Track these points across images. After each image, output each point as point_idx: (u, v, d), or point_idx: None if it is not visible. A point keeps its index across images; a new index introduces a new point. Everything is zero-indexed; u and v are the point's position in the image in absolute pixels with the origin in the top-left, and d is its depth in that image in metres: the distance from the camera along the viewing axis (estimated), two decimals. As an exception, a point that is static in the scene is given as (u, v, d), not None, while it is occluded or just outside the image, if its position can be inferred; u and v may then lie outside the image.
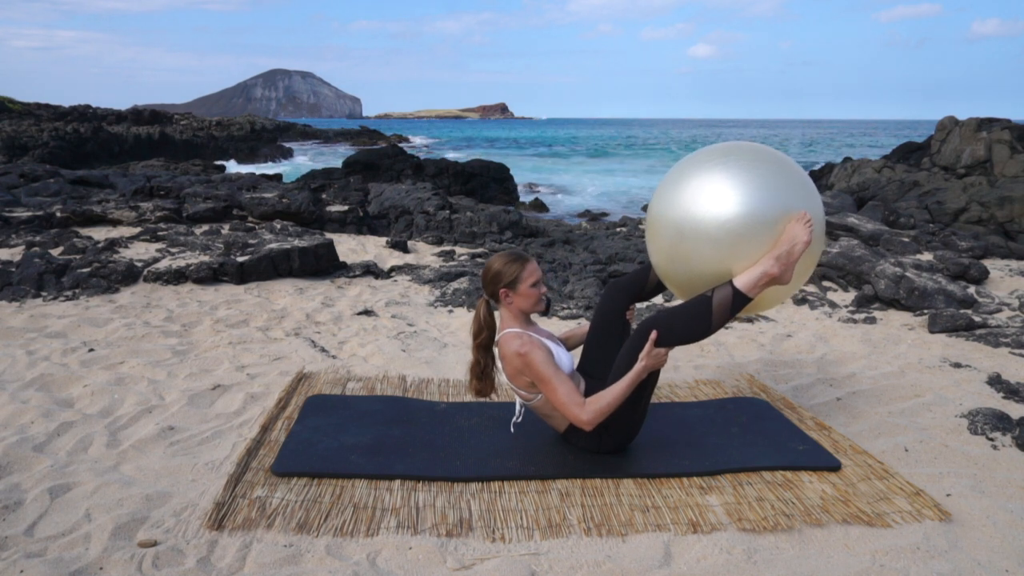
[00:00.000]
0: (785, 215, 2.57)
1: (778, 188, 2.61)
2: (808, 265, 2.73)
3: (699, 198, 2.63)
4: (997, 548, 2.22)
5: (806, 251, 2.61)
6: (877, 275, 5.43)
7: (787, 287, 2.71)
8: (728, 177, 2.62)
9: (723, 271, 2.62)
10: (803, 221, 2.56)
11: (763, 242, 2.57)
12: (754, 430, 2.98)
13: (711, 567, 2.08)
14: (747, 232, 2.56)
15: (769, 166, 2.66)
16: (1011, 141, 12.00)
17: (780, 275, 2.56)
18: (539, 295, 2.71)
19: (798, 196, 2.64)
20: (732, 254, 2.59)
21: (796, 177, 2.70)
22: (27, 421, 2.93)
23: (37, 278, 5.21)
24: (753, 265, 2.58)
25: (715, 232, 2.58)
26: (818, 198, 2.76)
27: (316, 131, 61.15)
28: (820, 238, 2.74)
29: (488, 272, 2.73)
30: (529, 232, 8.86)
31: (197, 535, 2.17)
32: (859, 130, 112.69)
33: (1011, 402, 3.42)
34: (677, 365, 3.96)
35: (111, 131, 33.46)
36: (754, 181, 2.60)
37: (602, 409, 2.53)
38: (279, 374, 3.64)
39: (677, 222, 2.68)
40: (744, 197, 2.57)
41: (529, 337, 2.65)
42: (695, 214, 2.63)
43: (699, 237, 2.61)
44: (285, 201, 8.33)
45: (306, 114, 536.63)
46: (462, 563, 2.08)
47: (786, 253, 2.55)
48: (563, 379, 2.58)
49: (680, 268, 2.73)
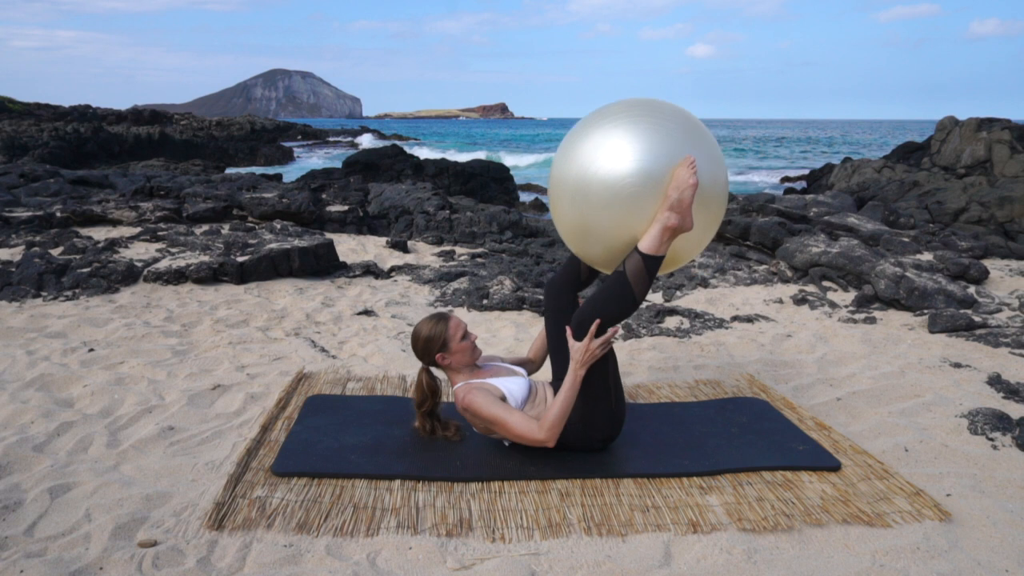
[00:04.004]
0: (670, 166, 2.52)
1: (658, 141, 2.55)
2: (715, 208, 2.66)
3: (583, 168, 2.61)
4: (997, 548, 2.22)
5: (711, 193, 2.56)
6: (877, 275, 5.43)
7: (699, 233, 2.65)
8: (606, 142, 2.59)
9: (629, 235, 2.58)
10: (687, 164, 2.51)
11: (656, 198, 2.53)
12: (754, 430, 2.98)
13: (711, 567, 2.08)
14: (636, 192, 2.52)
15: (646, 120, 2.60)
16: (1011, 141, 12.00)
17: (679, 224, 2.51)
18: (471, 345, 2.76)
19: (681, 144, 2.57)
20: (631, 217, 2.55)
21: (677, 126, 2.62)
22: (27, 421, 2.93)
23: (37, 278, 5.21)
24: (651, 224, 2.54)
25: (606, 198, 2.55)
26: (708, 140, 2.68)
27: (316, 131, 61.17)
28: (716, 180, 2.65)
29: (417, 344, 2.77)
30: (529, 232, 8.86)
31: (197, 535, 2.17)
32: (859, 130, 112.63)
33: (1011, 402, 3.42)
34: (677, 365, 3.96)
35: (111, 131, 33.45)
36: (633, 140, 2.56)
37: (554, 421, 2.51)
38: (279, 374, 3.64)
39: (570, 199, 2.65)
40: (625, 158, 2.54)
41: (468, 387, 2.68)
42: (583, 186, 2.60)
43: (593, 207, 2.59)
44: (285, 201, 8.33)
45: (306, 114, 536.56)
46: (462, 563, 2.08)
47: (677, 200, 2.49)
48: (509, 411, 2.57)
49: (591, 244, 2.69)
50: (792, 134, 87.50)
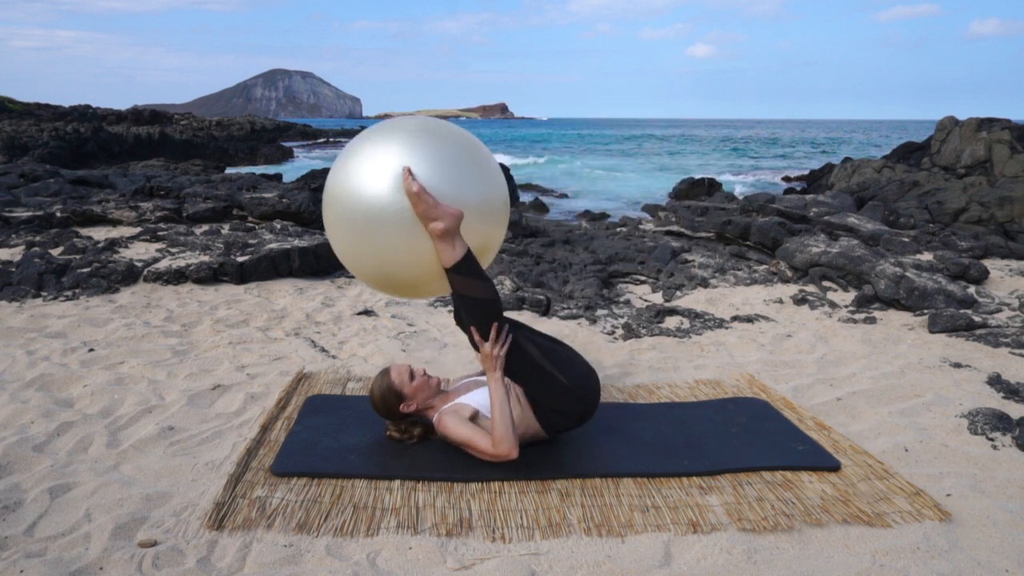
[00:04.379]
0: (393, 193, 2.43)
1: (372, 179, 2.46)
2: (472, 185, 2.53)
3: (337, 226, 2.57)
4: (997, 548, 2.22)
5: (450, 179, 2.46)
6: (877, 275, 5.43)
7: (476, 212, 2.52)
8: (337, 201, 2.53)
9: (418, 261, 2.49)
10: (404, 178, 2.41)
11: (404, 222, 2.43)
12: (754, 430, 2.98)
13: (711, 567, 2.08)
14: (380, 230, 2.44)
15: (358, 161, 2.52)
16: (1011, 141, 12.00)
17: (445, 224, 2.41)
18: (424, 380, 2.74)
19: (391, 164, 2.46)
20: (403, 250, 2.47)
21: (385, 159, 2.49)
22: (27, 421, 2.93)
23: (37, 278, 5.21)
24: (427, 247, 2.45)
25: (373, 246, 2.49)
26: (422, 137, 2.52)
27: (316, 131, 61.17)
28: (449, 168, 2.49)
29: (377, 408, 2.76)
30: (529, 232, 8.86)
31: (197, 535, 2.17)
32: (860, 130, 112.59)
33: (1011, 402, 3.42)
34: (677, 365, 3.96)
35: (111, 131, 33.44)
36: (356, 188, 2.48)
37: (502, 434, 2.49)
38: (279, 374, 3.64)
39: (346, 254, 2.62)
40: (358, 206, 2.47)
41: (440, 414, 2.68)
42: (350, 244, 2.55)
43: (368, 257, 2.53)
44: (285, 201, 8.33)
45: (306, 114, 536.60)
46: (462, 563, 2.08)
47: (422, 211, 2.41)
48: (475, 432, 2.57)
49: (393, 281, 2.63)
50: (791, 134, 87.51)
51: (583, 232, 9.15)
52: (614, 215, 14.28)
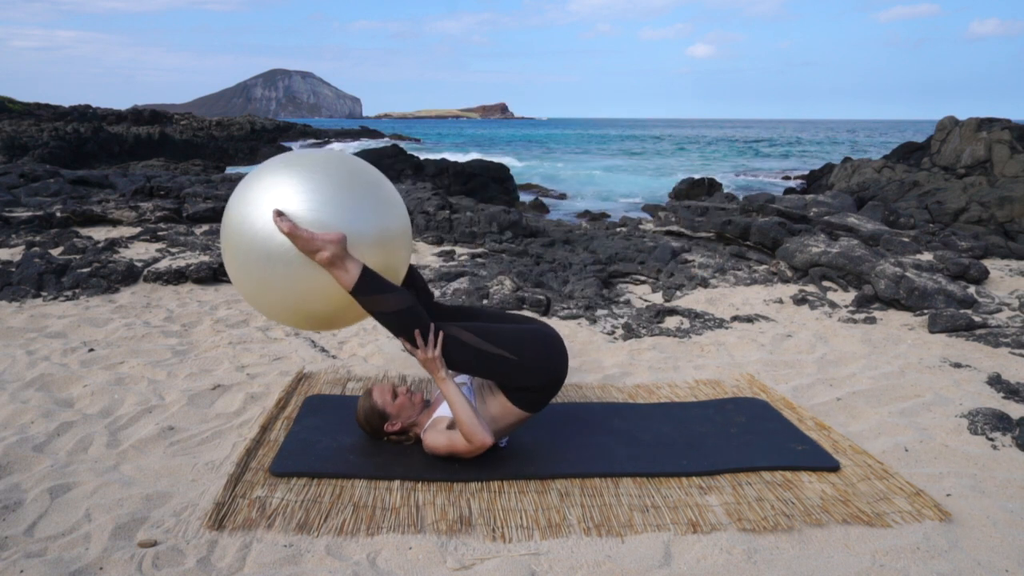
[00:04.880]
0: (267, 239, 2.36)
1: (255, 221, 2.39)
2: (346, 210, 2.43)
3: (238, 273, 2.51)
4: (997, 548, 2.22)
5: (321, 210, 2.37)
6: (877, 275, 5.43)
7: (363, 249, 2.43)
8: (231, 246, 2.48)
9: (324, 293, 2.42)
10: (275, 221, 2.34)
11: (289, 266, 2.37)
12: (754, 430, 2.98)
13: (711, 567, 2.08)
14: (275, 270, 2.39)
15: (242, 204, 2.45)
16: (1011, 141, 12.00)
17: (329, 253, 2.33)
18: (406, 398, 2.75)
19: (261, 211, 2.38)
20: (306, 289, 2.41)
21: (251, 203, 2.43)
22: (27, 421, 2.93)
23: (37, 278, 5.21)
24: (320, 273, 2.38)
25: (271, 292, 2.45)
26: (291, 175, 2.44)
27: (316, 131, 61.16)
28: (320, 200, 2.40)
29: (365, 428, 2.78)
30: (529, 232, 8.86)
31: (197, 535, 2.18)
32: (859, 130, 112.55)
33: (1011, 402, 3.42)
34: (677, 365, 3.96)
35: (111, 131, 33.44)
36: (244, 233, 2.42)
37: (467, 427, 2.48)
38: (279, 374, 3.64)
39: (254, 299, 2.56)
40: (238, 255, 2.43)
41: (423, 432, 2.69)
42: (269, 299, 2.49)
43: (275, 298, 2.47)
44: (285, 201, 8.33)
45: (306, 114, 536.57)
46: (462, 563, 2.08)
47: (303, 246, 2.32)
48: (450, 436, 2.57)
49: (310, 317, 2.56)
50: (791, 134, 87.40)
51: (583, 232, 9.15)
52: (614, 215, 14.29)
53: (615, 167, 37.06)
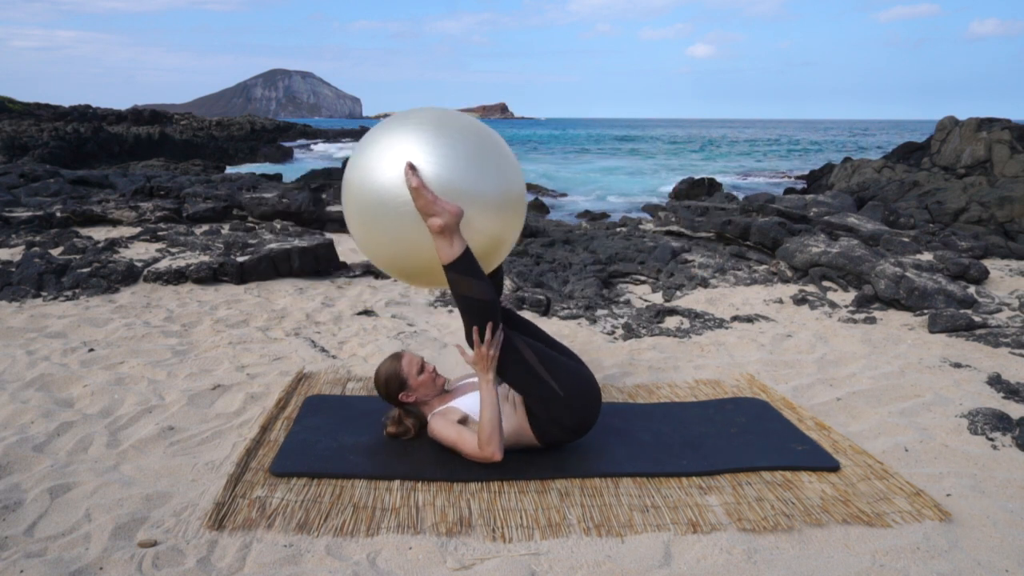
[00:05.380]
0: (399, 185, 2.44)
1: (382, 169, 2.49)
2: (481, 183, 2.49)
3: (351, 214, 2.64)
4: (997, 548, 2.22)
5: (456, 176, 2.44)
6: (877, 275, 5.43)
7: (481, 215, 2.49)
8: (351, 189, 2.59)
9: (420, 253, 2.51)
10: (406, 172, 2.41)
11: (402, 216, 2.45)
12: (754, 430, 2.98)
13: (711, 567, 2.08)
14: (387, 220, 2.48)
15: (372, 151, 2.55)
16: (1011, 141, 12.00)
17: (443, 221, 2.39)
18: (430, 377, 2.76)
19: (395, 160, 2.47)
20: (411, 243, 2.49)
21: (391, 144, 2.52)
22: (27, 421, 2.93)
23: (37, 278, 5.21)
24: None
25: (396, 249, 2.54)
26: (431, 132, 2.51)
27: (316, 131, 61.14)
28: (452, 165, 2.47)
29: (379, 389, 2.78)
30: (529, 232, 8.86)
31: (197, 535, 2.18)
32: (860, 129, 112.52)
33: (1011, 402, 3.42)
34: (677, 365, 3.96)
35: (111, 131, 33.45)
36: (367, 177, 2.52)
37: (487, 437, 2.49)
38: (279, 374, 3.64)
39: (360, 240, 2.70)
40: (374, 204, 2.50)
41: (433, 417, 2.70)
42: (358, 225, 2.61)
43: (379, 245, 2.59)
44: (285, 201, 8.33)
45: (306, 114, 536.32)
46: (462, 563, 2.08)
47: (421, 206, 2.40)
48: (460, 433, 2.59)
49: (405, 269, 2.66)
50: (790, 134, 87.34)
51: (583, 232, 9.15)
52: (614, 215, 14.29)
53: (615, 167, 37.06)
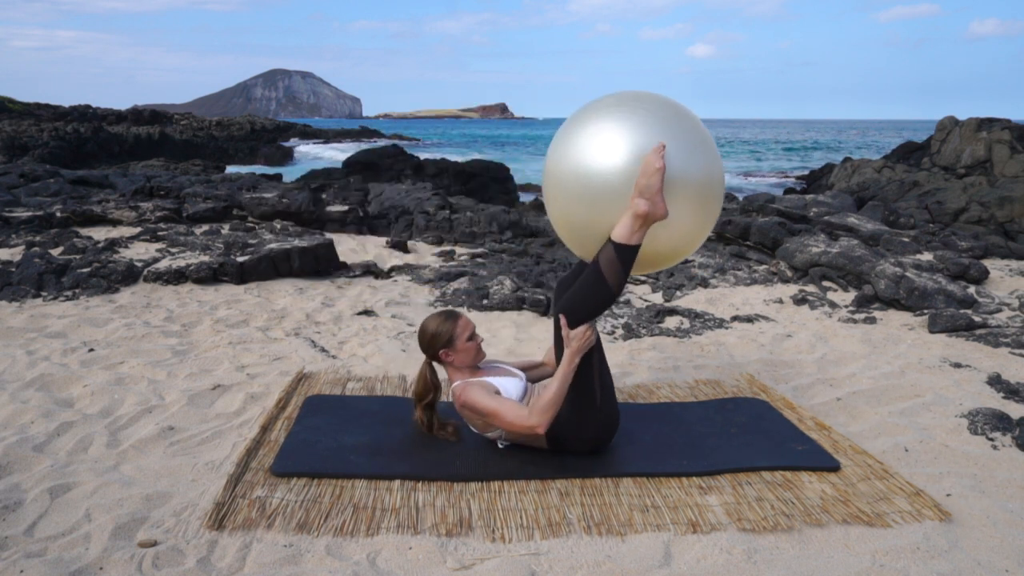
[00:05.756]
0: (641, 155, 2.46)
1: (630, 132, 2.51)
2: (701, 198, 2.56)
3: (564, 165, 2.61)
4: (997, 548, 2.22)
5: (693, 180, 2.49)
6: (877, 275, 5.43)
7: (686, 224, 2.56)
8: (584, 138, 2.58)
9: (610, 227, 2.54)
10: (656, 150, 2.42)
11: (628, 190, 2.48)
12: (754, 430, 2.98)
13: (711, 567, 2.08)
14: (609, 184, 2.49)
15: (623, 112, 2.57)
16: (1011, 141, 12.00)
17: (650, 210, 2.42)
18: (476, 346, 2.77)
19: (654, 132, 2.50)
20: (611, 209, 2.51)
21: (654, 115, 2.55)
22: (27, 421, 2.93)
23: (37, 278, 5.21)
24: (623, 213, 2.49)
25: (582, 192, 2.54)
26: (689, 128, 2.58)
27: (316, 131, 61.13)
28: (697, 168, 2.53)
29: (424, 336, 2.78)
30: (529, 232, 8.86)
31: (197, 535, 2.18)
32: (859, 129, 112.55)
33: (1011, 402, 3.42)
34: (677, 365, 3.96)
35: (111, 131, 33.47)
36: (608, 133, 2.53)
37: (545, 406, 2.50)
38: (279, 374, 3.64)
39: (555, 195, 2.67)
40: (599, 151, 2.52)
41: (465, 384, 2.70)
42: (564, 181, 2.60)
43: (573, 202, 2.59)
44: (285, 201, 8.33)
45: (306, 114, 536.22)
46: (462, 563, 2.08)
47: (645, 186, 2.41)
48: (501, 401, 2.59)
49: (580, 238, 2.68)
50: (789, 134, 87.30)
51: (583, 232, 9.14)
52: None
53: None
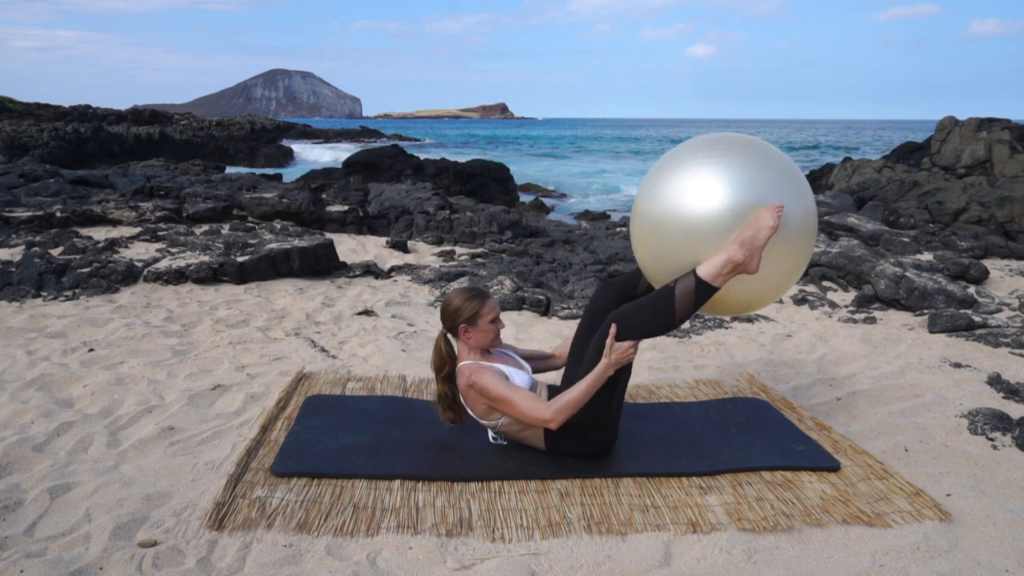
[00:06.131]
0: (757, 203, 2.46)
1: (754, 178, 2.50)
2: (790, 262, 2.60)
3: (678, 192, 2.57)
4: (997, 548, 2.22)
5: (787, 245, 2.50)
6: (877, 275, 5.43)
7: (762, 283, 2.58)
8: (706, 170, 2.54)
9: (695, 261, 2.54)
10: (773, 207, 2.44)
11: (734, 230, 2.47)
12: (754, 430, 2.98)
13: (711, 567, 2.08)
14: (715, 222, 2.47)
15: (749, 156, 2.57)
16: (1011, 141, 11.99)
17: (744, 261, 2.43)
18: (496, 331, 2.75)
19: (776, 186, 2.51)
20: (702, 244, 2.50)
21: (777, 167, 2.58)
22: (27, 421, 2.93)
23: (37, 278, 5.21)
24: (717, 252, 2.48)
25: (691, 225, 2.51)
26: (803, 190, 2.62)
27: (316, 131, 61.12)
28: (803, 231, 2.58)
29: (447, 308, 2.75)
30: (529, 232, 8.86)
31: (197, 535, 2.17)
32: (858, 130, 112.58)
33: (1011, 402, 3.42)
34: (677, 365, 3.96)
35: (111, 131, 33.45)
36: (730, 172, 2.51)
37: (564, 406, 2.48)
38: (279, 374, 3.64)
39: (657, 218, 2.62)
40: (721, 188, 2.49)
41: (477, 366, 2.66)
42: (673, 209, 2.56)
43: (676, 232, 2.55)
44: (285, 201, 8.33)
45: (306, 114, 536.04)
46: (462, 563, 2.08)
47: (750, 238, 2.42)
48: (515, 390, 2.56)
49: (664, 271, 2.65)
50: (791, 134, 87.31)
51: (583, 232, 9.15)
52: (614, 215, 14.29)
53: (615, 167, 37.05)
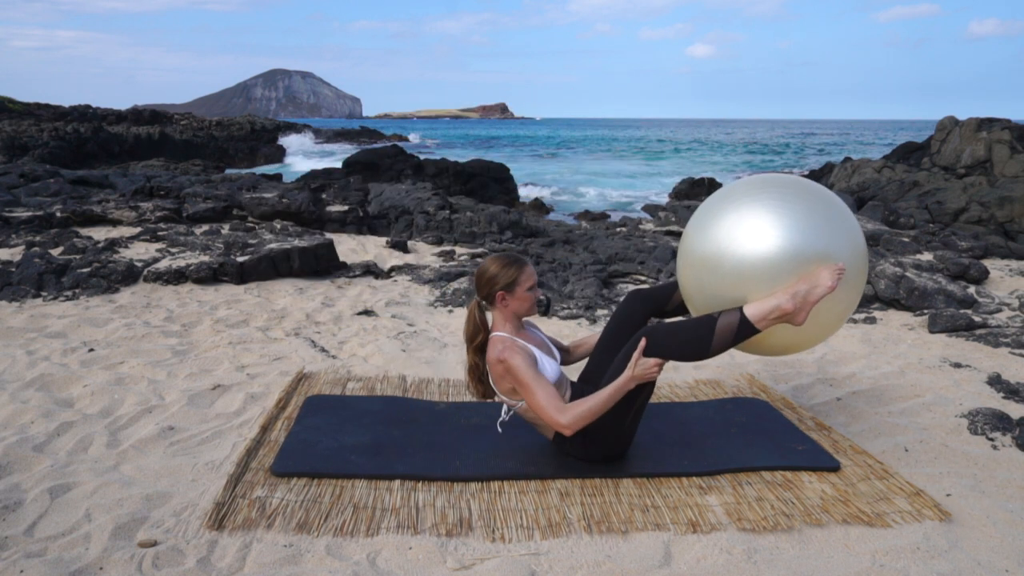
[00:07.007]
0: (822, 259, 2.44)
1: (824, 230, 2.48)
2: (831, 320, 2.58)
3: (736, 231, 2.51)
4: (997, 548, 2.22)
5: (837, 306, 2.50)
6: (877, 275, 5.43)
7: (802, 335, 2.56)
8: (771, 211, 2.49)
9: (742, 299, 2.51)
10: (835, 269, 2.42)
11: (789, 277, 2.44)
12: (754, 430, 2.98)
13: (711, 567, 2.08)
14: (781, 268, 2.44)
15: (818, 206, 2.53)
16: (1011, 141, 11.99)
17: (793, 312, 2.42)
18: (534, 299, 2.67)
19: (843, 244, 2.50)
20: (759, 287, 2.47)
21: (848, 228, 2.55)
22: (27, 421, 2.93)
23: (37, 278, 5.21)
24: (768, 296, 2.46)
25: (751, 266, 2.47)
26: (862, 254, 2.60)
27: (316, 131, 61.09)
28: (853, 292, 2.57)
29: (484, 274, 2.66)
30: (529, 232, 8.86)
31: (197, 535, 2.18)
32: (859, 130, 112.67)
33: (1011, 402, 3.42)
34: (677, 365, 3.96)
35: (111, 131, 33.44)
36: (799, 219, 2.47)
37: (582, 414, 2.45)
38: (279, 374, 3.64)
39: (713, 254, 2.56)
40: (787, 232, 2.45)
41: (512, 342, 2.60)
42: (732, 248, 2.50)
43: (734, 271, 2.50)
44: (285, 201, 8.33)
45: (306, 114, 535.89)
46: (462, 563, 2.08)
47: (805, 291, 2.41)
48: (543, 383, 2.51)
49: (706, 297, 2.61)
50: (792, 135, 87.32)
51: (583, 232, 9.15)
52: (614, 215, 14.29)
53: (615, 168, 37.06)
